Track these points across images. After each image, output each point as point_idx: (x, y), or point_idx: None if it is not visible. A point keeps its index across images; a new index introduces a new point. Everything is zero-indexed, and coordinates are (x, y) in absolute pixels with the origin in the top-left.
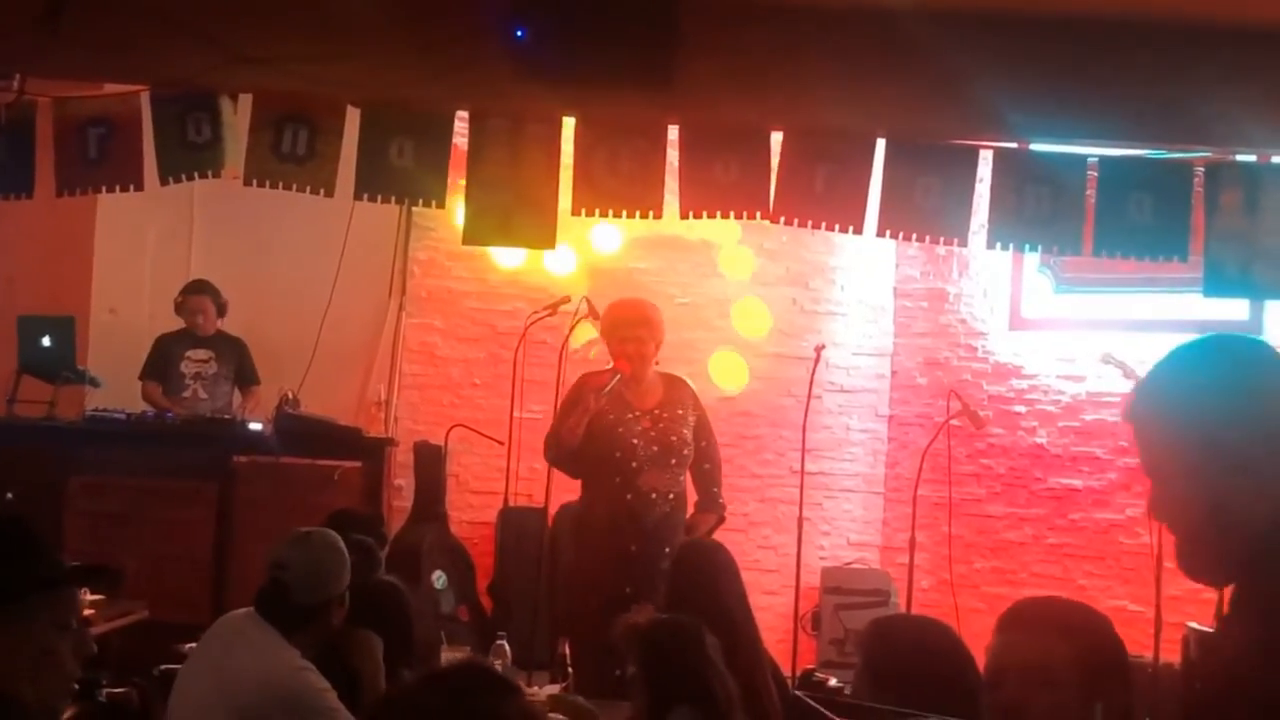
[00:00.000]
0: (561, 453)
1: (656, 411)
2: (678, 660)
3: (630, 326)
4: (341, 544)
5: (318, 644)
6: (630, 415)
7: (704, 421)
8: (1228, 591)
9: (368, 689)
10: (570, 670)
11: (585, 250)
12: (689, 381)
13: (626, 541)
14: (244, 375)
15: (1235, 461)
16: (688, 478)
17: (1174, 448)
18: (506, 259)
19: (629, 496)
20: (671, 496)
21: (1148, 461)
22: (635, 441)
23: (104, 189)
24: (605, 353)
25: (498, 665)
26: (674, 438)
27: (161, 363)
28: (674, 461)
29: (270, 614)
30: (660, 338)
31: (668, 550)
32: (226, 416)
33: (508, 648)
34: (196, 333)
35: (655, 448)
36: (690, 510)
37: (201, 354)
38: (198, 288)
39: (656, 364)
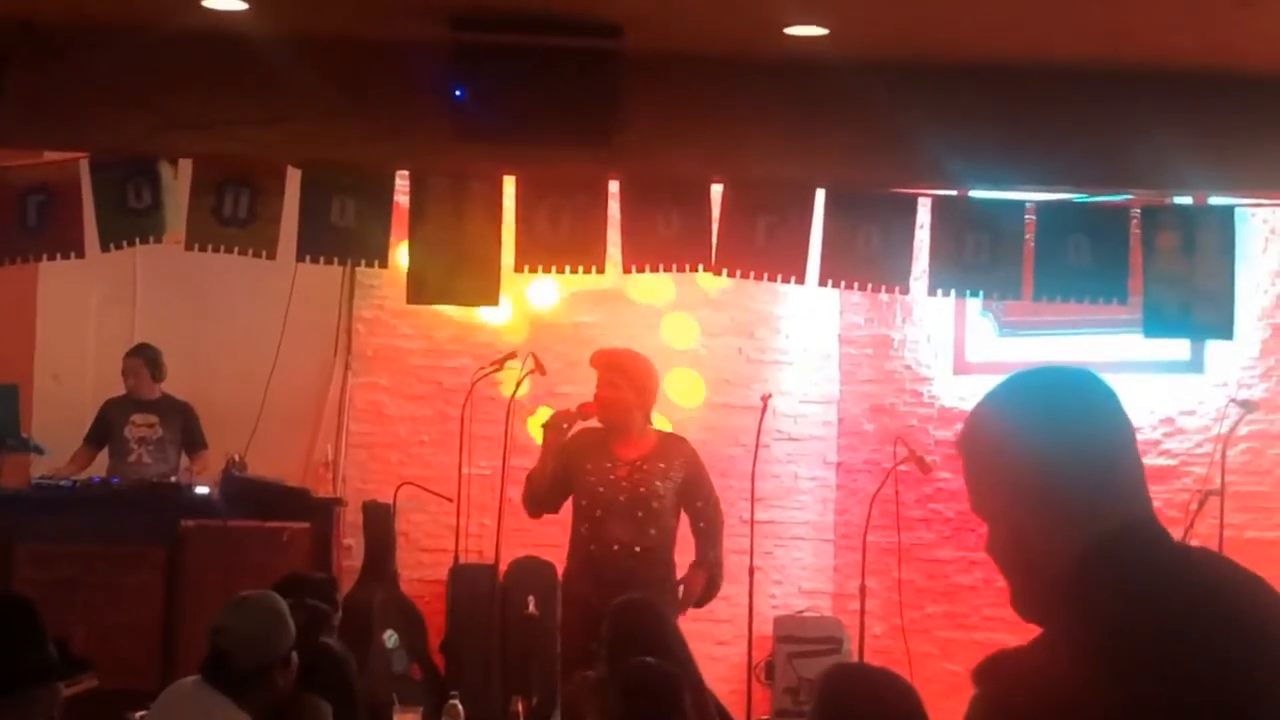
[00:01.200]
0: (533, 490)
1: (637, 463)
2: (663, 712)
3: (604, 370)
4: (281, 605)
5: (269, 707)
6: (608, 464)
7: (701, 481)
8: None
9: None
10: None
11: (529, 305)
12: (688, 443)
13: (588, 593)
14: (191, 440)
15: (1037, 497)
16: (672, 535)
17: (985, 484)
18: (453, 313)
19: (592, 547)
20: (638, 550)
21: (970, 499)
22: (602, 490)
23: (45, 257)
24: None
25: None
26: (643, 489)
27: (105, 428)
28: (641, 514)
29: (217, 680)
30: (642, 386)
31: None
32: (173, 480)
33: (460, 707)
34: (140, 397)
35: (622, 498)
36: (674, 569)
37: (146, 418)
38: (134, 351)
39: (648, 420)
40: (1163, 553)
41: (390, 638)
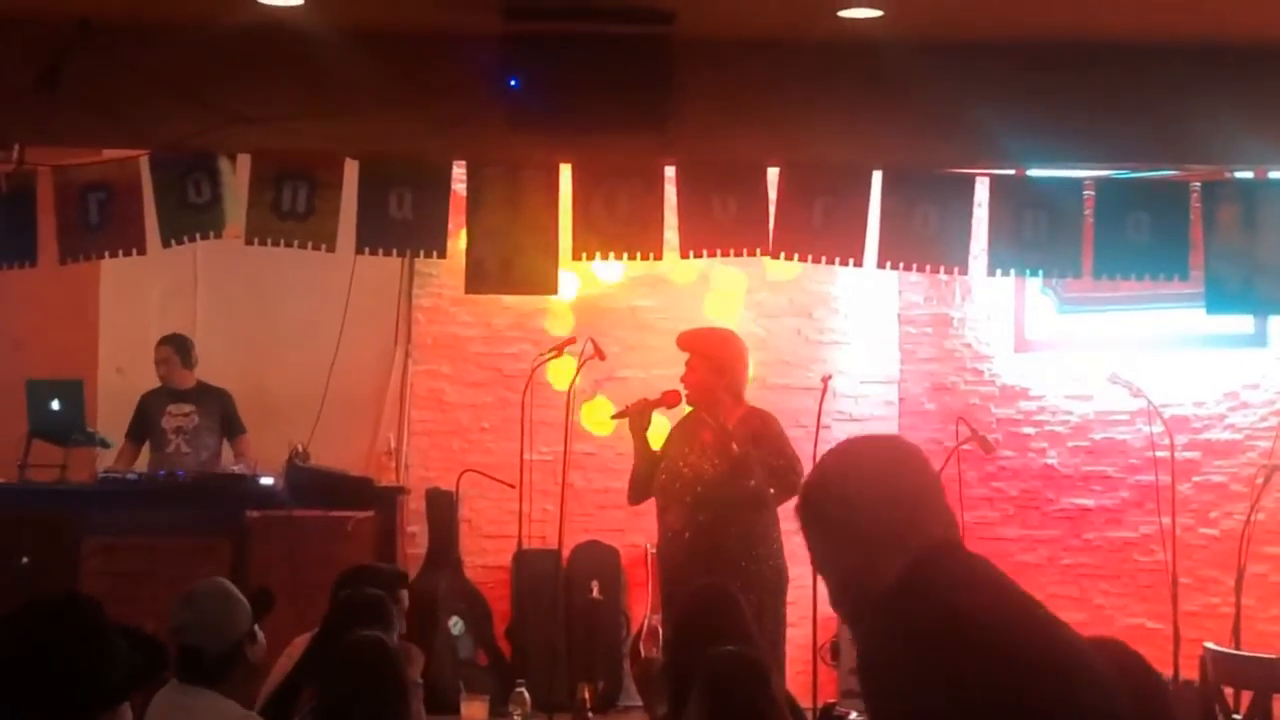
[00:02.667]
0: (632, 476)
1: (705, 447)
2: (743, 697)
3: (685, 352)
4: (228, 586)
5: (251, 684)
6: (685, 450)
7: (774, 440)
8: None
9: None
10: (590, 714)
11: (587, 291)
12: (764, 414)
13: (660, 583)
14: (230, 426)
15: (856, 540)
16: (736, 520)
17: (818, 543)
18: (511, 301)
19: (659, 536)
20: (686, 536)
21: (812, 562)
22: (664, 479)
23: (106, 254)
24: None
25: (517, 714)
26: (690, 472)
27: (143, 420)
28: (689, 499)
29: (193, 677)
30: (720, 366)
31: None
32: (238, 472)
33: (527, 695)
34: (174, 386)
35: (677, 484)
36: (745, 555)
37: (182, 408)
38: (164, 340)
39: (739, 400)
40: (958, 568)
41: (455, 624)
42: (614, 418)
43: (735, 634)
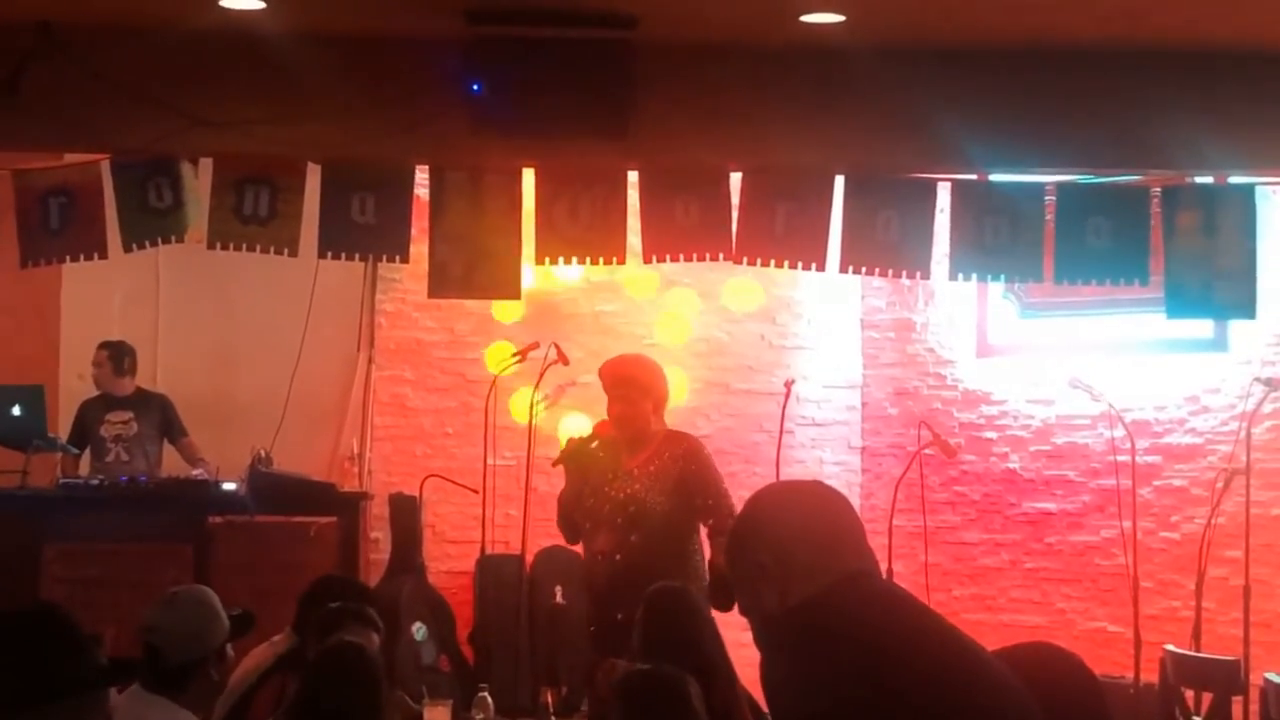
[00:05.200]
0: (562, 513)
1: (633, 470)
2: (660, 714)
3: (615, 384)
4: (212, 599)
5: (207, 703)
6: (610, 476)
7: (701, 476)
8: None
9: None
10: (553, 718)
11: (549, 296)
12: (689, 439)
13: (585, 604)
14: (170, 430)
15: (771, 569)
16: (669, 540)
17: (738, 576)
18: (474, 306)
19: (585, 558)
20: (617, 558)
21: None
22: (591, 503)
23: (68, 258)
24: (573, 398)
25: (480, 719)
26: (623, 495)
27: (81, 429)
28: (620, 520)
29: (153, 683)
30: (659, 395)
31: (619, 617)
32: (200, 477)
33: (490, 700)
34: (111, 393)
35: (606, 507)
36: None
37: (120, 415)
38: (101, 345)
39: (662, 423)
40: (868, 598)
41: (419, 630)
42: (554, 464)
43: (697, 641)
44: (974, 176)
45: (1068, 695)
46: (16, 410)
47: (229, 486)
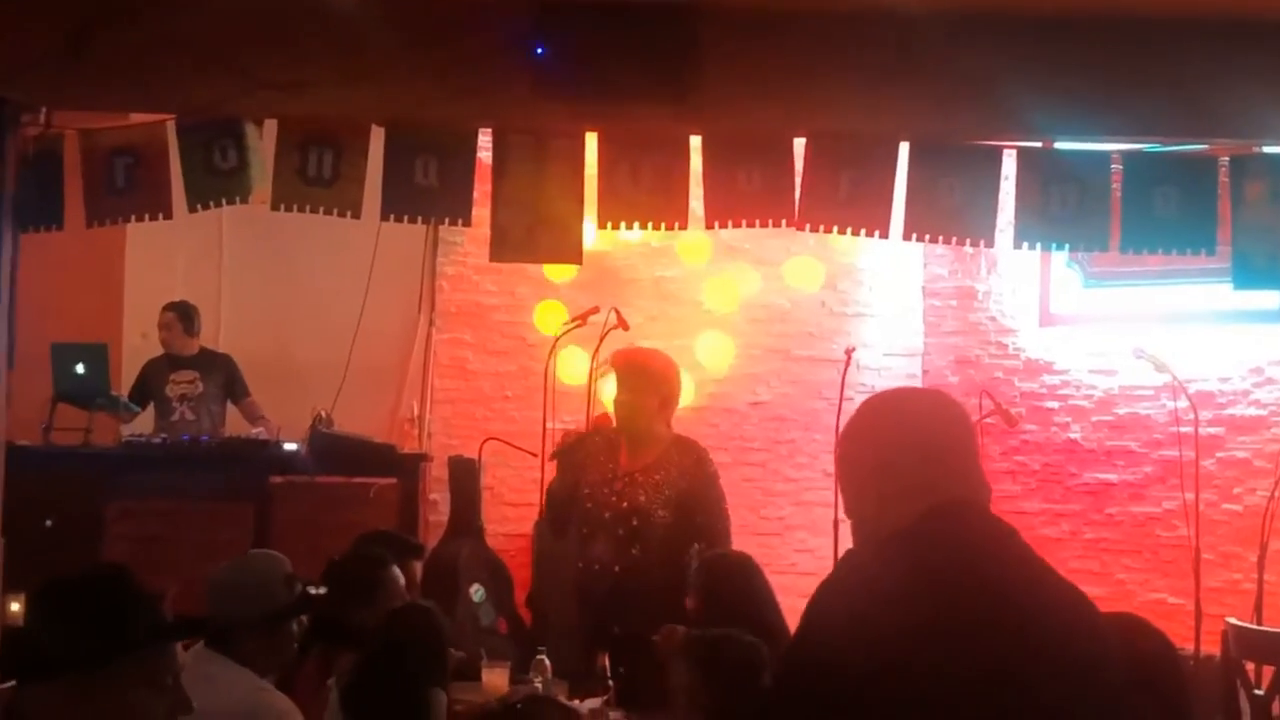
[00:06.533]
0: (551, 509)
1: (634, 474)
2: (741, 686)
3: (628, 373)
4: (279, 563)
5: (276, 662)
6: (609, 476)
7: (704, 494)
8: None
9: None
10: (611, 682)
11: (611, 260)
12: (697, 449)
13: (573, 614)
14: (234, 390)
15: (869, 481)
16: (672, 554)
17: (842, 481)
18: (535, 269)
19: (580, 565)
20: (616, 570)
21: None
22: (590, 506)
23: (133, 218)
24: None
25: (538, 681)
26: (626, 504)
27: (144, 387)
28: (621, 531)
29: (217, 643)
30: (668, 393)
31: (616, 630)
32: (262, 437)
33: (548, 662)
34: (177, 353)
35: (606, 514)
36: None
37: (186, 375)
38: (168, 306)
39: (668, 426)
40: (967, 531)
41: (477, 592)
42: (552, 458)
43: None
44: (1039, 144)
45: (1150, 667)
46: (80, 368)
47: (290, 447)
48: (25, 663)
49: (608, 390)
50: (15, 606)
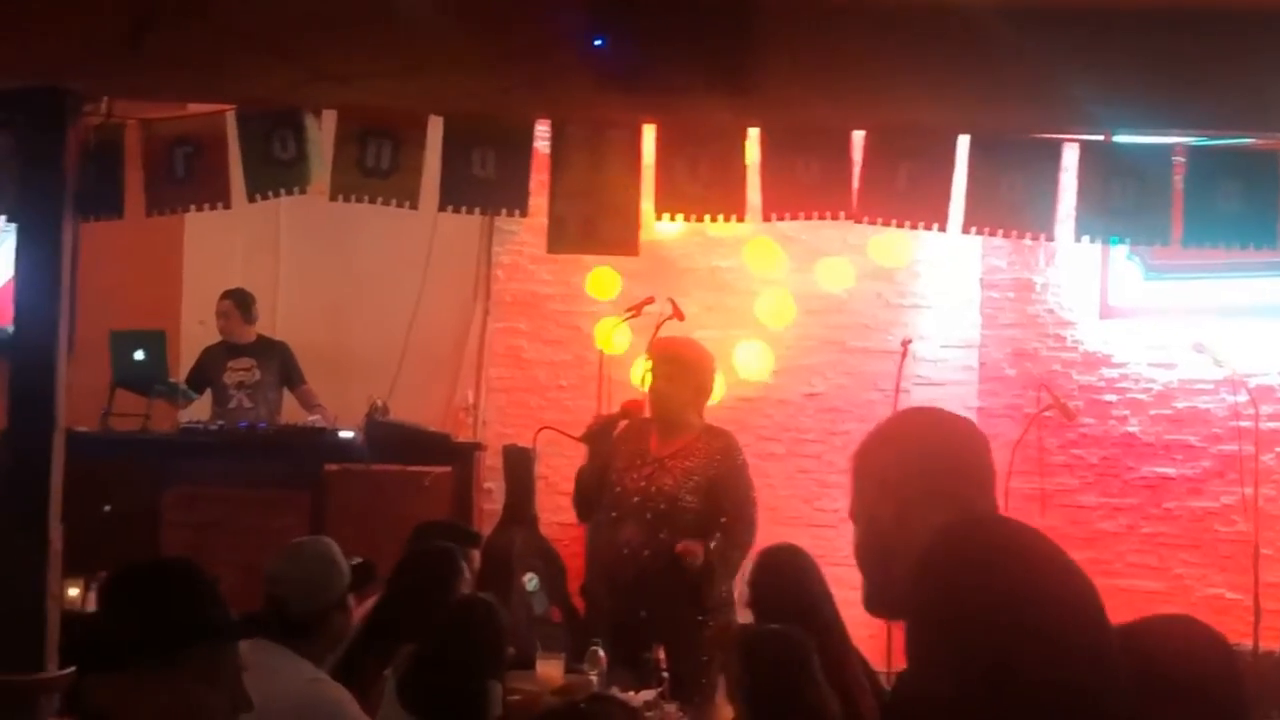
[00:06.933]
0: (580, 491)
1: (664, 460)
2: (782, 677)
3: (663, 362)
4: (335, 551)
5: (331, 648)
6: (638, 461)
7: (732, 482)
8: None
9: None
10: (665, 674)
11: (667, 251)
12: (728, 437)
13: (603, 598)
14: (290, 377)
15: (890, 491)
16: (700, 533)
17: (857, 487)
18: (591, 259)
19: (608, 550)
20: (645, 554)
21: (850, 507)
22: (619, 490)
23: (192, 208)
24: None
25: (593, 674)
26: (654, 488)
27: (201, 374)
28: (649, 516)
29: (274, 633)
30: (701, 383)
31: (643, 614)
32: (317, 425)
33: (602, 653)
34: (234, 340)
35: (636, 499)
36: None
37: (243, 362)
38: (225, 294)
39: (700, 416)
40: (997, 537)
41: (531, 581)
42: (580, 439)
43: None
44: (1100, 137)
45: (1202, 668)
46: (139, 355)
47: (346, 434)
48: (91, 650)
49: (638, 375)
50: (73, 592)
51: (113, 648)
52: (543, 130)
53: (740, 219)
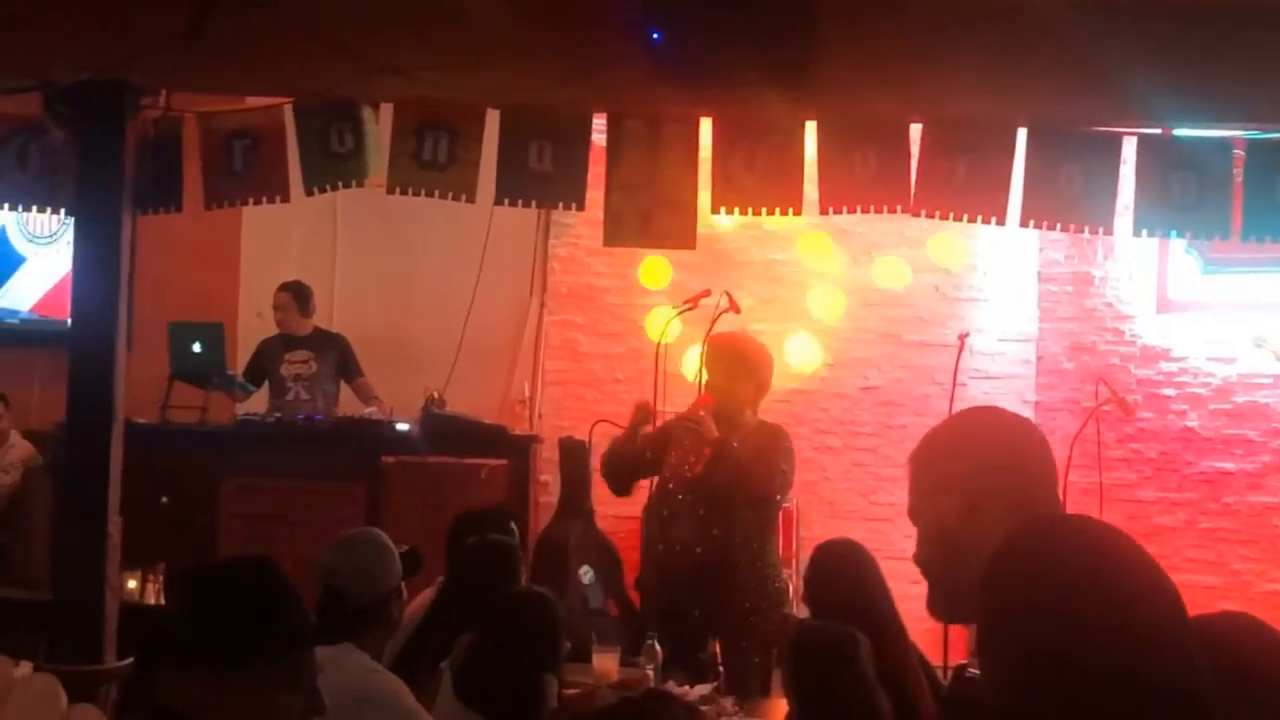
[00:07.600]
0: (610, 463)
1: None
2: (829, 672)
3: (719, 358)
4: (385, 539)
5: (385, 637)
6: (692, 458)
7: (771, 447)
8: None
9: None
10: (721, 669)
11: (723, 244)
12: (777, 432)
13: (660, 597)
14: (347, 370)
15: (956, 490)
16: (753, 534)
17: (920, 487)
18: (647, 251)
19: (660, 547)
20: (698, 551)
21: (909, 506)
22: (672, 487)
23: (250, 200)
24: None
25: (649, 668)
26: (707, 485)
27: (258, 367)
28: (702, 512)
29: (330, 624)
30: (760, 378)
31: (697, 613)
32: (374, 417)
33: (658, 647)
34: (291, 333)
35: (688, 496)
36: (763, 572)
37: (300, 355)
38: (283, 286)
39: (755, 413)
40: (1079, 537)
41: (586, 573)
42: (653, 428)
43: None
44: (1159, 131)
45: (1265, 667)
46: (197, 347)
47: (402, 427)
48: (169, 647)
49: (692, 368)
50: (132, 584)
51: (194, 647)
52: (599, 124)
53: (797, 213)
